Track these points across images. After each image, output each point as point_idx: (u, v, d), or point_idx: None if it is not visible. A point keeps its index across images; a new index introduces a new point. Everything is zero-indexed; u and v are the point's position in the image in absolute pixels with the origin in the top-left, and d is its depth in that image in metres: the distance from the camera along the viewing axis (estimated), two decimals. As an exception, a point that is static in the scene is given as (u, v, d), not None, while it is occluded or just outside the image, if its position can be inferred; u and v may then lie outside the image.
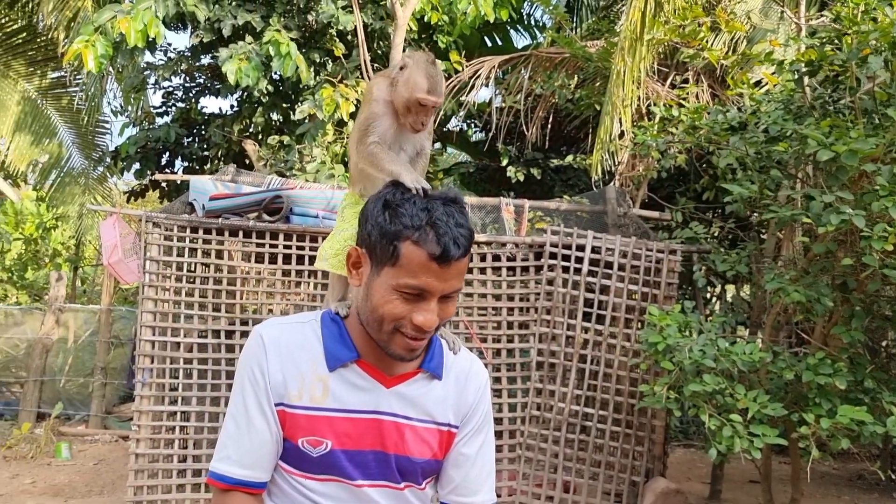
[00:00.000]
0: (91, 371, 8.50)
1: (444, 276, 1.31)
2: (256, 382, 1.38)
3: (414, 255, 1.30)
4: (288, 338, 1.41)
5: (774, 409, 3.80)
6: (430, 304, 1.33)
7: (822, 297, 3.95)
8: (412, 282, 1.30)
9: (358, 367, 1.41)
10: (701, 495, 6.03)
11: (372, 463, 1.40)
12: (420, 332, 1.34)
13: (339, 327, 1.43)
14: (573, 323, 5.29)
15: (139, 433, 4.88)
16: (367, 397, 1.40)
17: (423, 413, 1.44)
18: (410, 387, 1.43)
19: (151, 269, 5.06)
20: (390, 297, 1.32)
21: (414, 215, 1.31)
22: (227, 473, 1.39)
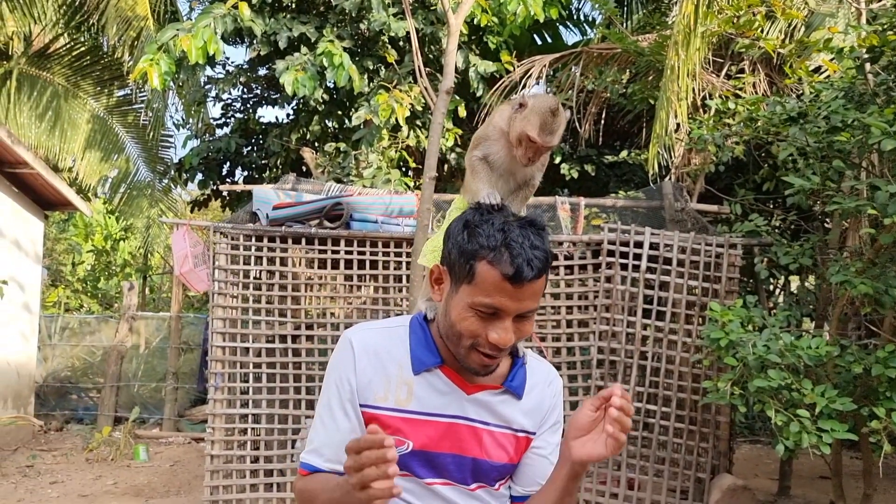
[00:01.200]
0: (163, 376, 8.84)
1: (518, 297, 1.36)
2: (342, 385, 1.47)
3: (488, 274, 1.34)
4: (375, 342, 1.49)
5: (843, 404, 3.74)
6: (505, 322, 1.38)
7: (890, 288, 3.87)
8: (487, 300, 1.36)
9: (441, 372, 1.48)
10: (769, 492, 5.94)
11: (450, 465, 1.47)
12: (495, 350, 1.39)
13: (425, 333, 1.50)
14: (633, 320, 5.28)
15: (213, 435, 5.08)
16: (448, 402, 1.47)
17: (500, 420, 1.50)
18: (492, 397, 1.50)
19: (220, 278, 5.26)
20: (467, 315, 1.38)
21: (490, 235, 1.36)
22: (313, 464, 1.48)
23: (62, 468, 6.56)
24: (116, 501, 5.41)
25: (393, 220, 5.64)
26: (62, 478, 6.18)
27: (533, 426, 1.55)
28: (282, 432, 5.21)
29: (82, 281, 13.06)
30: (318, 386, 5.32)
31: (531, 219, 1.43)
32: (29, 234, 8.13)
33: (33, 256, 8.23)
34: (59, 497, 5.55)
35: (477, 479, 1.50)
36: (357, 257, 5.42)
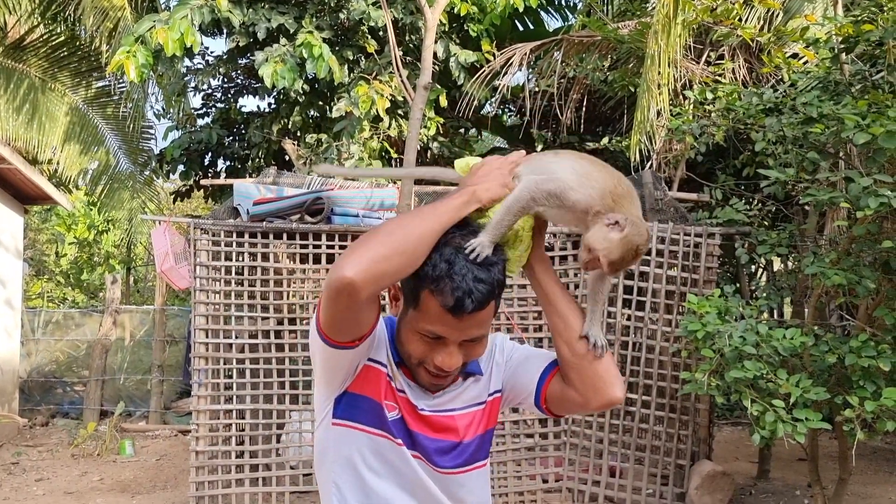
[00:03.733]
0: (148, 369, 8.84)
1: (461, 327, 1.37)
2: None
3: (430, 304, 1.36)
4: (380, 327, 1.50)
5: (818, 394, 3.81)
6: (450, 348, 1.41)
7: (864, 278, 3.92)
8: (429, 328, 1.39)
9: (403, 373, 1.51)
10: (749, 475, 6.04)
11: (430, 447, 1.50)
12: (441, 371, 1.43)
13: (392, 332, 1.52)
14: (613, 310, 5.33)
15: (198, 431, 5.10)
16: (417, 395, 1.50)
17: (467, 402, 1.54)
18: (455, 390, 1.54)
19: (201, 274, 5.25)
20: (413, 338, 1.42)
21: (435, 265, 1.35)
22: None
23: (48, 464, 6.56)
24: (102, 498, 5.42)
25: (374, 213, 5.65)
26: (48, 475, 6.19)
27: (497, 384, 1.59)
28: (266, 427, 5.24)
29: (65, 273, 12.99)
30: (303, 381, 5.35)
31: (490, 257, 1.39)
32: (9, 229, 8.07)
33: (14, 252, 8.17)
34: (45, 494, 5.56)
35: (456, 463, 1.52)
36: (338, 252, 5.42)
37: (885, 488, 5.62)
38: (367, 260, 1.27)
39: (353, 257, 1.27)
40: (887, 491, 5.54)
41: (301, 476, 5.23)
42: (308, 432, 5.29)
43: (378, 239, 1.30)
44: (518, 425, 5.38)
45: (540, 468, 5.30)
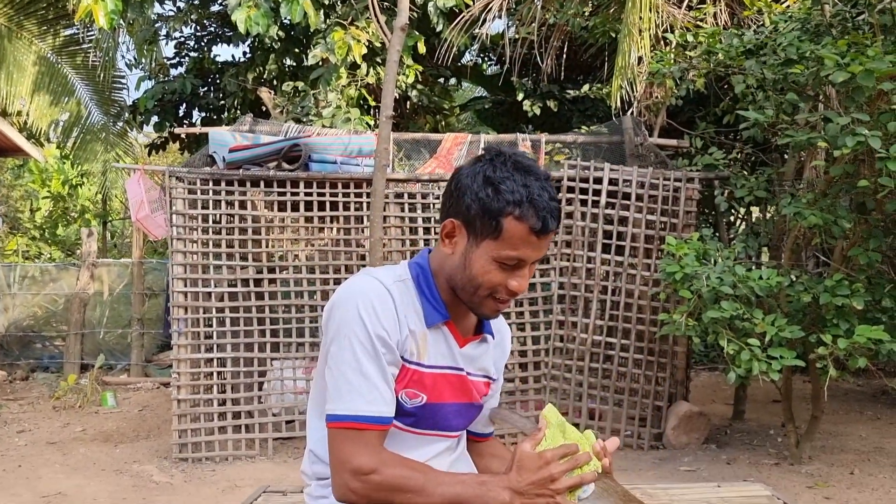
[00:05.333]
0: (128, 322, 8.79)
1: (540, 247, 1.43)
2: (385, 334, 1.43)
3: (516, 229, 1.39)
4: (400, 295, 1.48)
5: (792, 332, 3.88)
6: (524, 270, 1.45)
7: (839, 218, 3.96)
8: (513, 253, 1.41)
9: (446, 327, 1.53)
10: (724, 416, 6.17)
11: (450, 414, 1.55)
12: (512, 296, 1.47)
13: (431, 289, 1.52)
14: (593, 255, 5.36)
15: (179, 380, 5.10)
16: (449, 355, 1.54)
17: (479, 369, 1.60)
18: (476, 349, 1.58)
19: (178, 223, 5.19)
20: (490, 268, 1.43)
21: (514, 191, 1.40)
22: (385, 414, 1.42)
23: (29, 417, 6.55)
24: (85, 448, 5.43)
25: (352, 160, 5.58)
26: (29, 426, 6.18)
27: (496, 373, 1.66)
28: (248, 375, 5.25)
29: (40, 228, 12.80)
30: (283, 328, 5.34)
31: (546, 174, 1.46)
32: (-21, 182, 7.90)
33: (-14, 205, 8.01)
34: (28, 445, 5.56)
35: (465, 425, 1.61)
36: (317, 199, 5.38)
37: (855, 427, 5.78)
38: (380, 501, 1.38)
39: (373, 493, 1.37)
40: (857, 429, 5.70)
41: (284, 423, 5.26)
42: (290, 380, 5.31)
43: (405, 497, 1.38)
44: (498, 370, 5.42)
45: (521, 411, 5.37)
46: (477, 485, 1.40)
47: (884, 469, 4.57)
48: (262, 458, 5.09)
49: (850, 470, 4.55)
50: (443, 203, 1.50)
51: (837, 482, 4.32)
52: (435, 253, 1.56)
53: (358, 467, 1.37)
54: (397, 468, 1.40)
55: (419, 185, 5.57)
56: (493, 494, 1.38)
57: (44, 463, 5.05)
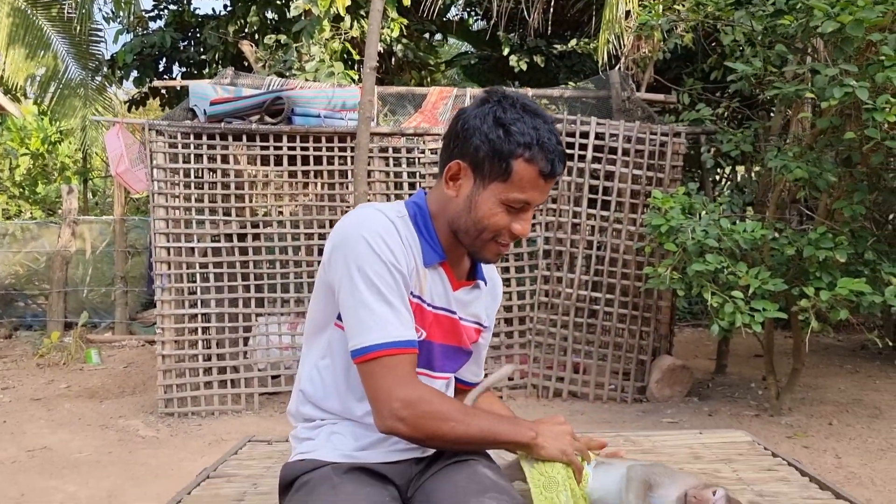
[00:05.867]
0: (111, 280, 8.72)
1: (545, 190, 1.43)
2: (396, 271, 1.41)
3: (525, 172, 1.39)
4: (403, 229, 1.47)
5: (775, 285, 3.90)
6: (528, 214, 1.46)
7: (825, 172, 3.96)
8: (521, 196, 1.41)
9: (442, 268, 1.52)
10: (707, 370, 6.25)
11: (443, 356, 1.55)
12: (514, 240, 1.48)
13: (429, 230, 1.51)
14: (578, 210, 5.34)
15: (164, 336, 5.08)
16: (444, 297, 1.53)
17: (470, 315, 1.60)
18: (468, 294, 1.58)
19: (159, 177, 5.11)
20: (497, 210, 1.42)
21: (525, 133, 1.39)
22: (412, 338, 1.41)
23: (13, 374, 6.52)
24: (70, 403, 5.42)
25: (336, 114, 5.50)
26: (13, 383, 6.16)
27: (487, 320, 1.66)
28: (233, 331, 5.24)
29: (19, 186, 12.60)
30: (268, 284, 5.31)
31: (552, 116, 1.46)
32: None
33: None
34: (12, 401, 5.54)
35: (454, 369, 1.61)
36: (300, 153, 5.30)
37: (834, 380, 5.87)
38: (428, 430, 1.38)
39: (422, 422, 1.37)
40: (836, 382, 5.79)
41: (269, 378, 5.27)
42: (275, 335, 5.30)
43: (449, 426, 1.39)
44: (484, 325, 5.44)
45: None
46: (508, 422, 1.46)
47: (861, 420, 4.65)
48: (248, 412, 5.11)
49: (829, 421, 4.63)
50: (445, 145, 1.48)
51: (816, 432, 4.40)
52: (434, 195, 1.53)
53: (406, 395, 1.36)
54: (440, 397, 1.42)
55: (404, 139, 5.50)
56: (522, 431, 1.45)
57: (29, 418, 5.04)
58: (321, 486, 1.40)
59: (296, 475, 1.48)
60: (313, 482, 1.42)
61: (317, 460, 1.48)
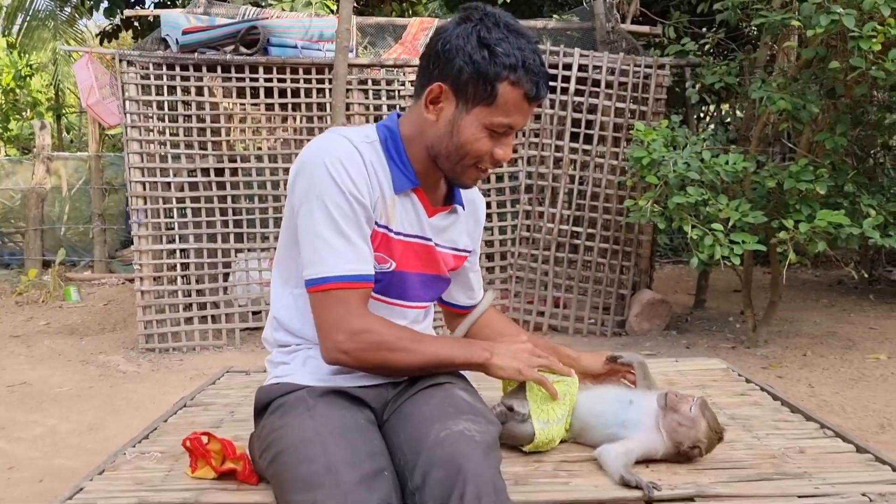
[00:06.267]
0: (89, 218, 8.60)
1: (529, 113, 1.39)
2: (360, 199, 1.38)
3: (511, 95, 1.34)
4: (370, 155, 1.42)
5: (755, 217, 3.90)
6: (510, 138, 1.41)
7: (808, 103, 3.92)
8: (505, 120, 1.36)
9: (415, 195, 1.48)
10: (686, 305, 6.32)
11: (418, 284, 1.52)
12: (496, 166, 1.44)
13: (400, 154, 1.45)
14: (561, 144, 5.29)
15: (142, 272, 5.03)
16: (417, 224, 1.49)
17: (449, 241, 1.56)
18: (445, 219, 1.53)
19: (132, 110, 4.98)
20: (480, 135, 1.38)
21: (510, 55, 1.33)
22: (366, 272, 1.38)
23: (-9, 312, 6.48)
24: (50, 340, 5.40)
25: (314, 44, 5.34)
26: (-8, 321, 6.12)
27: (469, 244, 1.63)
28: (212, 267, 5.20)
29: (-9, 122, 12.30)
30: (247, 219, 5.26)
31: (535, 38, 1.41)
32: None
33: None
34: (-9, 339, 5.52)
35: (431, 297, 1.58)
36: (277, 86, 5.17)
37: (810, 313, 5.96)
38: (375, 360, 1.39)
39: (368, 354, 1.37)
40: (812, 315, 5.88)
41: (250, 313, 5.26)
42: (255, 271, 5.27)
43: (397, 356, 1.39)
44: (465, 260, 5.44)
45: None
46: (460, 345, 1.46)
47: (834, 351, 4.74)
48: (229, 347, 5.11)
49: (803, 352, 4.71)
50: (424, 66, 1.41)
51: (790, 363, 4.48)
52: (409, 118, 1.47)
53: (351, 328, 1.36)
54: (387, 327, 1.40)
55: (384, 71, 5.37)
56: (475, 353, 1.44)
57: (8, 355, 5.02)
58: (296, 409, 1.39)
59: (271, 398, 1.48)
60: (288, 404, 1.41)
61: (292, 384, 1.47)
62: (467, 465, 1.22)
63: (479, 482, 1.20)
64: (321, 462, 1.23)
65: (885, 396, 3.76)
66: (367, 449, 1.29)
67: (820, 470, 1.49)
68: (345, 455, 1.24)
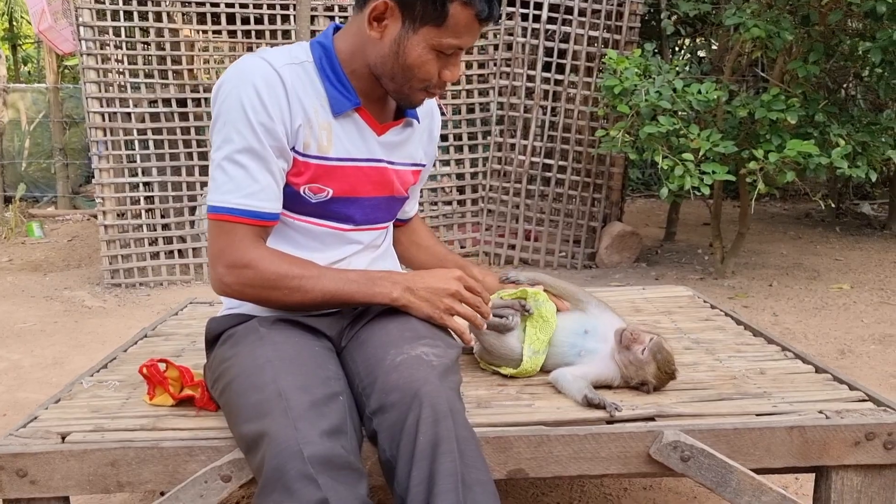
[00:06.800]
0: (50, 153, 8.36)
1: (478, 34, 1.34)
2: (269, 122, 1.31)
3: (462, 15, 1.29)
4: (293, 79, 1.34)
5: (726, 147, 3.88)
6: (459, 58, 1.36)
7: (782, 31, 3.86)
8: (454, 42, 1.31)
9: (358, 115, 1.41)
10: (656, 238, 6.36)
11: (367, 208, 1.47)
12: (444, 87, 1.39)
13: (337, 73, 1.38)
14: (533, 74, 5.19)
15: (104, 205, 4.92)
16: (364, 146, 1.43)
17: (405, 157, 1.51)
18: (399, 135, 1.48)
19: (87, 36, 4.77)
20: (428, 57, 1.32)
21: None
22: (265, 210, 1.34)
23: (-49, 249, 6.33)
24: (13, 277, 5.29)
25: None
26: (-48, 258, 5.98)
27: (425, 158, 1.60)
28: (177, 200, 5.09)
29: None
30: (212, 152, 5.13)
31: None
32: None
33: None
34: (-49, 275, 5.40)
35: (386, 219, 1.54)
36: (240, 11, 4.97)
37: (777, 245, 6.03)
38: (256, 296, 1.36)
39: (247, 289, 1.35)
40: (779, 247, 5.95)
41: (218, 248, 5.17)
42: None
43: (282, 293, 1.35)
44: (436, 193, 5.39)
45: (458, 234, 5.41)
46: (365, 281, 1.38)
47: (799, 281, 4.81)
48: (197, 282, 5.05)
49: (769, 283, 4.78)
50: None
51: (756, 293, 4.54)
52: (348, 32, 1.39)
53: (231, 261, 1.32)
54: (273, 264, 1.34)
55: (351, -3, 5.19)
56: (381, 290, 1.37)
57: (-31, 291, 4.92)
58: (248, 337, 1.37)
59: (222, 329, 1.45)
60: (239, 334, 1.39)
61: (244, 314, 1.44)
62: (423, 388, 1.21)
63: (435, 405, 1.18)
64: (271, 389, 1.20)
65: (845, 324, 3.84)
66: (320, 374, 1.27)
67: (779, 389, 1.51)
68: (296, 381, 1.22)
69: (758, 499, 1.29)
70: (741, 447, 1.32)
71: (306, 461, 1.08)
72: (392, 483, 1.19)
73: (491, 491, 1.15)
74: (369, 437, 1.27)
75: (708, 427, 1.33)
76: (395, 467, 1.17)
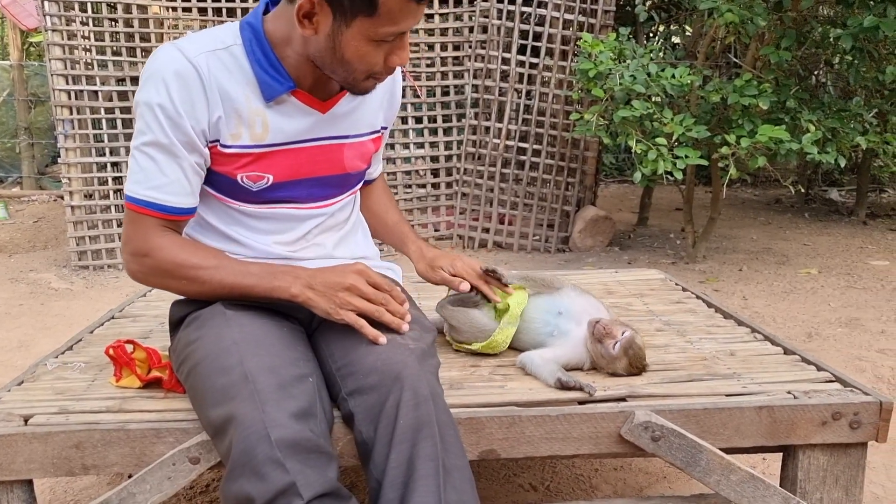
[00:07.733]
0: (15, 132, 8.16)
1: (419, 13, 1.22)
2: (177, 117, 1.27)
3: (393, 1, 1.17)
4: (215, 68, 1.28)
5: (699, 132, 3.90)
6: (404, 41, 1.26)
7: (755, 16, 3.88)
8: (392, 29, 1.21)
9: (294, 98, 1.34)
10: (629, 223, 6.40)
11: (314, 188, 1.43)
12: (391, 72, 1.31)
13: (267, 55, 1.30)
14: (508, 57, 5.17)
15: (70, 185, 4.82)
16: (305, 126, 1.37)
17: (362, 127, 1.45)
18: (349, 104, 1.41)
19: (52, 11, 4.65)
20: (366, 49, 1.23)
21: None
22: (172, 204, 1.32)
23: (-88, 229, 6.16)
24: (-23, 258, 5.18)
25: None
26: (-87, 238, 5.83)
27: (385, 120, 1.55)
28: (147, 181, 4.99)
29: None
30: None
31: None
32: None
33: None
34: (-88, 257, 5.26)
35: (338, 193, 1.49)
36: (211, -12, 4.88)
37: (748, 231, 6.11)
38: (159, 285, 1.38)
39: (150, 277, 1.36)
40: (750, 233, 6.02)
41: (189, 230, 5.10)
42: (192, 186, 5.09)
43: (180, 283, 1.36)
44: (410, 176, 5.37)
45: (432, 217, 5.39)
46: (265, 274, 1.33)
47: (769, 266, 4.88)
48: (167, 264, 4.97)
49: (739, 267, 4.84)
50: None
51: (727, 278, 4.59)
52: (280, 20, 1.30)
53: (134, 249, 1.34)
54: (172, 253, 1.32)
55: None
56: (281, 283, 1.32)
57: (-70, 272, 4.80)
58: (214, 319, 1.33)
59: (186, 312, 1.42)
60: (204, 316, 1.36)
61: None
62: (404, 371, 1.20)
63: (416, 388, 1.18)
64: (238, 371, 1.18)
65: (813, 308, 3.91)
66: (289, 355, 1.25)
67: (748, 370, 1.52)
68: (263, 362, 1.19)
69: (726, 478, 1.30)
70: (711, 427, 1.33)
71: (274, 445, 1.06)
72: (368, 465, 1.18)
73: (468, 477, 1.15)
74: (344, 419, 1.25)
75: (678, 407, 1.34)
76: (373, 450, 1.16)
